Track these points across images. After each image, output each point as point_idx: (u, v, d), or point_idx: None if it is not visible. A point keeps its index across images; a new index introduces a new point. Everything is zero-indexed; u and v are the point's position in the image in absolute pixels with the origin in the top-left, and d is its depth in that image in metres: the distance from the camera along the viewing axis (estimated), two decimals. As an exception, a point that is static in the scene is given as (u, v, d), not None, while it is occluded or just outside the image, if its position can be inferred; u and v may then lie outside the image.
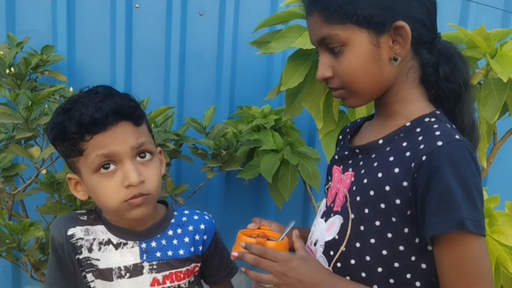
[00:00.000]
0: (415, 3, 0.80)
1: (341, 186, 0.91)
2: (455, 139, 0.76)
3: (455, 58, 0.86)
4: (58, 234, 0.95)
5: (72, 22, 2.05)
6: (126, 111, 0.89)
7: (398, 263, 0.80)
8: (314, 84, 1.57)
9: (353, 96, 0.85)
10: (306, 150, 1.93)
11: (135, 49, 2.15)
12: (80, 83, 2.06)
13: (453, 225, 0.72)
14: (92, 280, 0.96)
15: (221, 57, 2.21)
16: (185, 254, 0.99)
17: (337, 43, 0.81)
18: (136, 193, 0.89)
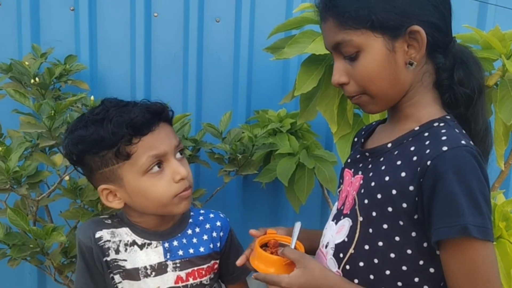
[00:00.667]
0: (430, 8, 0.79)
1: (351, 189, 0.92)
2: (460, 145, 0.76)
3: (470, 63, 0.85)
4: (86, 238, 0.99)
5: (94, 31, 2.12)
6: (163, 113, 0.96)
7: (406, 267, 0.81)
8: (328, 88, 1.59)
9: (371, 102, 0.85)
10: (322, 153, 1.94)
11: (154, 57, 2.20)
12: (102, 91, 2.13)
13: (456, 231, 0.73)
14: (119, 281, 1.00)
15: (237, 63, 2.25)
16: (205, 251, 1.04)
17: (352, 48, 0.81)
18: (186, 185, 0.96)
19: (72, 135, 0.95)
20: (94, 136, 0.91)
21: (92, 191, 1.46)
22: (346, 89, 0.86)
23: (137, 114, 0.91)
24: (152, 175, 0.93)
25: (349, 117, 1.60)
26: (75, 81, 1.88)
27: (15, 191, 1.26)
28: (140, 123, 0.91)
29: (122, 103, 0.97)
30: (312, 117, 1.69)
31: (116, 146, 0.91)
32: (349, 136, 1.64)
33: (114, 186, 0.96)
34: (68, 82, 1.85)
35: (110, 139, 0.90)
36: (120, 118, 0.90)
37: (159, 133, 0.94)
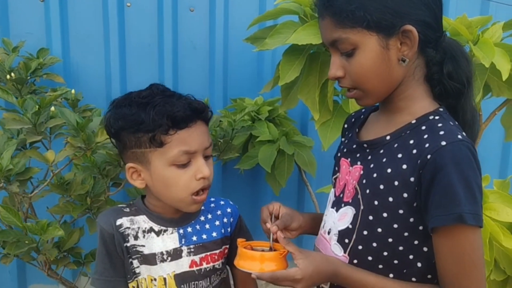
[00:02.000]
0: (422, 7, 0.84)
1: (350, 178, 0.97)
2: (457, 139, 0.81)
3: (459, 56, 0.91)
4: (108, 225, 1.03)
5: (65, 23, 2.07)
6: (204, 112, 1.00)
7: (402, 247, 0.88)
8: (308, 77, 1.64)
9: (365, 96, 0.90)
10: (301, 139, 2.01)
11: (129, 47, 2.18)
12: (76, 83, 2.10)
13: (453, 219, 0.79)
14: (137, 266, 1.04)
15: (213, 52, 2.26)
16: (218, 236, 1.09)
17: (349, 45, 0.85)
18: (205, 185, 1.01)
19: (115, 110, 1.00)
20: (136, 117, 0.95)
21: (80, 185, 1.46)
22: (341, 82, 0.91)
23: (179, 108, 0.95)
24: (178, 167, 0.98)
25: (330, 104, 1.67)
26: (51, 74, 1.85)
27: (7, 189, 1.25)
28: (180, 117, 0.95)
29: (168, 92, 1.01)
30: (293, 105, 1.75)
31: (153, 132, 0.95)
32: (329, 122, 1.71)
33: (141, 167, 1.00)
34: (43, 76, 1.81)
35: (149, 124, 0.94)
36: (163, 108, 0.94)
37: (195, 130, 0.98)
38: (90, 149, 1.24)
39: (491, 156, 2.55)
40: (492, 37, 1.55)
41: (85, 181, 1.48)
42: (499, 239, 1.32)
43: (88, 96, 2.01)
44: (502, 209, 1.34)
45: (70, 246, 1.48)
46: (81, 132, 1.22)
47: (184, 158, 0.98)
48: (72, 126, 1.23)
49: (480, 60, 1.46)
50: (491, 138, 2.41)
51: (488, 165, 2.49)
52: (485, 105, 1.70)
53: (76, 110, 1.65)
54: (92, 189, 1.49)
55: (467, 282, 0.81)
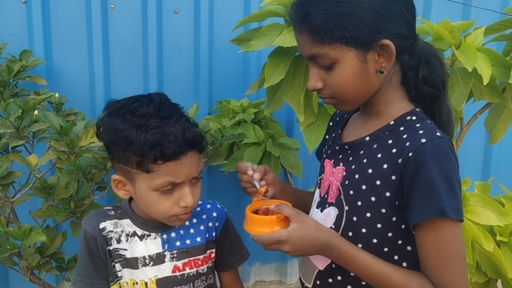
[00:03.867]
0: (398, 20, 0.86)
1: (333, 179, 0.98)
2: (436, 136, 0.83)
3: (433, 60, 0.93)
4: (91, 228, 1.02)
5: (47, 24, 2.05)
6: (197, 142, 0.95)
7: (387, 248, 0.89)
8: (294, 79, 1.65)
9: (343, 104, 0.92)
10: (286, 141, 2.02)
11: (113, 49, 2.17)
12: (59, 86, 2.08)
13: (435, 213, 0.80)
14: (119, 270, 1.03)
15: (198, 54, 2.26)
16: (202, 241, 1.07)
17: (327, 60, 0.86)
18: (187, 211, 0.99)
19: (108, 119, 0.95)
20: (127, 135, 0.91)
21: (63, 189, 1.45)
22: (321, 93, 0.92)
23: (171, 140, 0.91)
24: (161, 193, 0.96)
25: (314, 107, 1.68)
26: (34, 77, 1.83)
27: (-12, 194, 1.23)
28: (170, 152, 0.91)
29: (165, 111, 0.94)
30: (279, 107, 1.75)
31: (141, 158, 0.92)
32: (314, 124, 1.72)
33: (126, 181, 0.99)
34: (26, 79, 1.79)
35: (138, 149, 0.91)
36: (155, 137, 0.90)
37: (184, 161, 0.94)
38: (74, 153, 1.22)
39: (473, 159, 2.60)
40: (474, 41, 1.57)
41: (68, 185, 1.46)
42: (480, 242, 1.35)
43: (71, 98, 1.98)
44: (482, 212, 1.37)
45: (53, 251, 1.46)
46: (65, 136, 1.21)
47: (170, 187, 0.96)
48: (55, 130, 1.22)
49: (463, 65, 1.48)
50: (472, 141, 2.45)
51: (470, 168, 2.53)
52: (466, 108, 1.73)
53: (60, 114, 1.63)
54: (76, 193, 1.47)
55: (450, 273, 0.83)
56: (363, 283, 0.91)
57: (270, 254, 2.53)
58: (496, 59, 1.60)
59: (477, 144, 2.55)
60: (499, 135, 1.86)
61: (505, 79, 1.59)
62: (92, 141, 1.21)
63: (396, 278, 0.85)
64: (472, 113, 1.81)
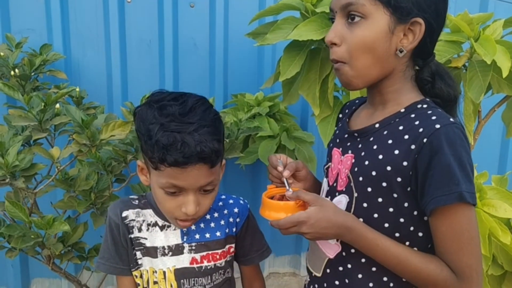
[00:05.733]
0: (435, 11, 0.87)
1: (342, 167, 0.98)
2: (450, 122, 0.84)
3: (446, 77, 0.94)
4: (115, 215, 1.07)
5: (66, 19, 2.08)
6: (207, 157, 0.93)
7: (399, 233, 0.90)
8: (309, 72, 1.66)
9: (351, 74, 0.90)
10: (301, 134, 2.02)
11: (129, 43, 2.19)
12: (77, 79, 2.11)
13: (454, 198, 0.81)
14: (140, 258, 1.07)
15: (213, 48, 2.27)
16: (221, 235, 1.09)
17: (360, 13, 0.85)
18: (188, 218, 1.00)
19: (144, 108, 0.97)
20: (148, 129, 0.93)
21: (84, 181, 1.48)
22: (334, 51, 0.90)
23: (178, 149, 0.90)
24: (166, 193, 0.97)
25: (330, 100, 1.68)
26: (54, 71, 1.86)
27: (13, 185, 1.26)
28: (174, 160, 0.91)
29: (190, 119, 0.93)
30: (294, 100, 1.76)
31: (151, 154, 0.94)
32: (330, 118, 1.72)
33: (146, 169, 1.02)
34: (46, 73, 1.82)
35: (151, 145, 0.93)
36: (166, 140, 0.91)
37: (190, 171, 0.93)
38: (94, 146, 1.25)
39: (490, 152, 2.58)
40: (493, 34, 1.56)
41: (89, 177, 1.49)
42: (497, 234, 1.34)
43: (89, 92, 2.02)
44: (500, 205, 1.36)
45: (75, 241, 1.49)
46: (86, 129, 1.24)
47: (173, 189, 0.96)
48: (77, 123, 1.24)
49: (482, 57, 1.47)
50: (490, 135, 2.43)
51: (487, 161, 2.52)
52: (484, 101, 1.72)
53: (81, 107, 1.66)
54: (96, 184, 1.50)
55: (466, 257, 0.84)
56: (373, 269, 0.92)
57: (284, 246, 2.55)
58: (515, 52, 1.58)
59: (494, 137, 2.52)
60: (516, 129, 1.85)
61: (524, 72, 1.58)
62: (112, 134, 1.23)
63: (413, 261, 0.86)
64: (490, 106, 1.80)
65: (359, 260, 0.93)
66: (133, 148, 1.46)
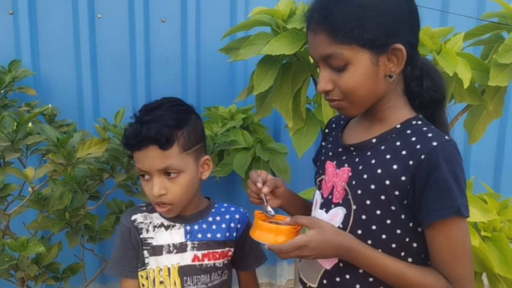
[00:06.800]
0: (409, 29, 0.91)
1: (337, 180, 1.00)
2: (445, 140, 0.89)
3: (433, 73, 0.99)
4: (127, 221, 1.18)
5: (35, 35, 2.06)
6: (155, 138, 1.05)
7: (395, 244, 0.93)
8: (282, 86, 1.70)
9: (350, 107, 0.95)
10: (275, 146, 2.06)
11: (100, 59, 2.18)
12: (47, 96, 2.08)
13: (452, 212, 0.86)
14: (147, 257, 1.16)
15: (185, 62, 2.29)
16: (221, 237, 1.17)
17: (342, 61, 0.89)
18: (158, 201, 1.11)
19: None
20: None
21: (58, 201, 1.46)
22: (330, 95, 0.95)
23: (133, 134, 1.07)
24: (142, 179, 1.12)
25: (302, 112, 1.73)
26: (24, 87, 1.83)
27: (-15, 207, 1.24)
28: (130, 143, 1.09)
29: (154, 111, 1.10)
30: (268, 113, 1.80)
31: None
32: (303, 129, 1.77)
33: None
34: (16, 90, 1.79)
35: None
36: (129, 129, 1.10)
37: (145, 153, 1.07)
38: (71, 165, 1.24)
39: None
40: (454, 47, 1.64)
41: (63, 196, 1.47)
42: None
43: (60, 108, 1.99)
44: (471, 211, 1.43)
45: (49, 262, 1.47)
46: (62, 148, 1.23)
47: (141, 172, 1.10)
48: (52, 142, 1.23)
49: (444, 69, 1.55)
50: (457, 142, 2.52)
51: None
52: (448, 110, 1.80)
53: (53, 125, 1.64)
54: (71, 203, 1.48)
55: (461, 267, 0.89)
56: (370, 279, 0.95)
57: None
58: (475, 63, 1.67)
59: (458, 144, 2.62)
60: (479, 135, 1.94)
61: (484, 82, 1.66)
62: (89, 152, 1.23)
63: (411, 275, 0.91)
64: (453, 115, 1.88)
65: (356, 271, 0.95)
66: (108, 166, 1.45)
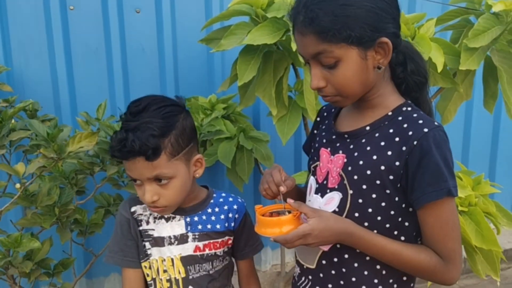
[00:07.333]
0: (391, 20, 0.96)
1: (332, 166, 1.05)
2: (435, 126, 0.95)
3: (416, 56, 1.05)
4: (125, 211, 1.18)
5: (5, 29, 2.00)
6: (139, 151, 1.02)
7: (389, 224, 0.99)
8: (264, 75, 1.73)
9: (343, 100, 1.01)
10: (257, 134, 2.09)
11: (75, 51, 2.14)
12: (22, 91, 2.03)
13: (444, 193, 0.93)
14: (149, 248, 1.17)
15: (162, 52, 2.27)
16: (221, 228, 1.19)
17: (332, 59, 0.93)
18: (151, 206, 1.11)
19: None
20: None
21: (46, 196, 1.45)
22: (323, 91, 0.99)
23: (114, 146, 1.04)
24: (135, 184, 1.11)
25: (285, 100, 1.77)
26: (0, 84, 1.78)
27: (-24, 206, 1.22)
28: (117, 157, 1.07)
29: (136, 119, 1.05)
30: (251, 102, 1.83)
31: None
32: (286, 117, 1.81)
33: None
34: (-10, 86, 1.75)
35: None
36: (114, 138, 1.05)
37: (133, 163, 1.05)
38: (62, 159, 1.23)
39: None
40: (426, 32, 1.72)
41: (50, 191, 1.46)
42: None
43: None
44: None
45: (41, 258, 1.46)
46: (52, 143, 1.22)
47: (132, 179, 1.09)
48: (42, 137, 1.22)
49: (419, 54, 1.62)
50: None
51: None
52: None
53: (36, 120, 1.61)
54: (59, 198, 1.48)
55: (451, 243, 0.96)
56: (367, 258, 1.01)
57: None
58: (447, 48, 1.75)
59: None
60: (450, 116, 2.04)
61: (455, 66, 1.75)
62: (80, 145, 1.23)
63: (406, 253, 0.97)
64: (427, 98, 1.96)
65: (354, 250, 1.01)
66: (98, 159, 1.45)
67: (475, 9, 1.86)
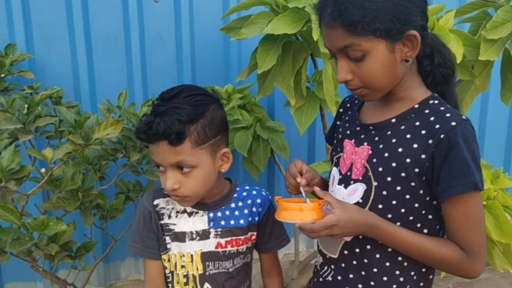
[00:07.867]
0: (420, 13, 0.96)
1: (356, 157, 1.06)
2: (462, 119, 0.94)
3: (443, 49, 1.05)
4: (148, 203, 1.17)
5: (28, 17, 2.03)
6: (163, 134, 1.02)
7: (412, 217, 1.00)
8: (283, 65, 1.74)
9: (371, 94, 1.00)
10: (273, 124, 2.11)
11: (95, 40, 2.17)
12: (43, 78, 2.07)
13: (470, 187, 0.93)
14: (169, 242, 1.16)
15: (180, 41, 2.29)
16: (244, 223, 1.17)
17: (360, 52, 0.94)
18: (172, 194, 1.10)
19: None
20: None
21: (70, 181, 1.48)
22: (350, 84, 0.99)
23: (141, 128, 1.05)
24: (158, 169, 1.10)
25: (303, 91, 1.78)
26: (22, 71, 1.82)
27: (6, 188, 1.26)
28: (141, 138, 1.06)
29: (168, 102, 1.05)
30: (269, 92, 1.84)
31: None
32: (303, 107, 1.83)
33: None
34: (14, 73, 1.78)
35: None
36: (142, 121, 1.05)
37: (156, 147, 1.05)
38: (88, 145, 1.27)
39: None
40: (446, 23, 1.72)
41: (74, 176, 1.50)
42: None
43: (57, 90, 1.99)
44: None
45: (65, 241, 1.50)
46: (79, 130, 1.25)
47: (156, 164, 1.08)
48: (70, 124, 1.25)
49: (438, 46, 1.62)
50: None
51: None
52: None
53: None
54: (82, 183, 1.51)
55: (476, 237, 0.97)
56: (389, 249, 1.02)
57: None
58: (466, 39, 1.75)
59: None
60: (466, 108, 2.04)
61: (474, 57, 1.75)
62: (106, 133, 1.26)
63: (428, 246, 0.98)
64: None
65: (376, 241, 1.02)
66: (121, 146, 1.48)
67: (494, 1, 1.85)
